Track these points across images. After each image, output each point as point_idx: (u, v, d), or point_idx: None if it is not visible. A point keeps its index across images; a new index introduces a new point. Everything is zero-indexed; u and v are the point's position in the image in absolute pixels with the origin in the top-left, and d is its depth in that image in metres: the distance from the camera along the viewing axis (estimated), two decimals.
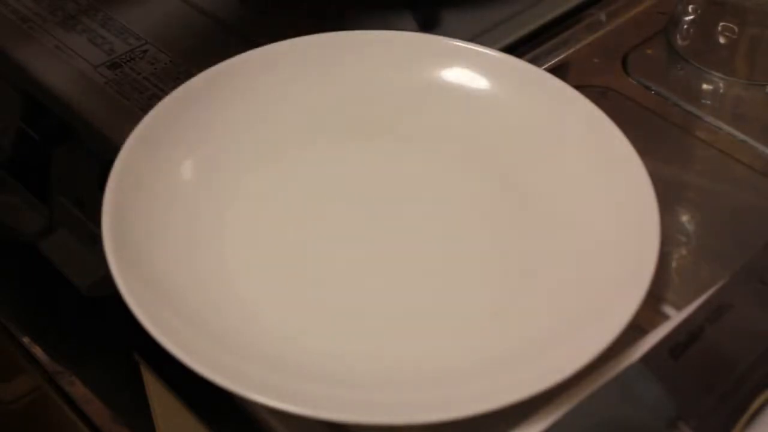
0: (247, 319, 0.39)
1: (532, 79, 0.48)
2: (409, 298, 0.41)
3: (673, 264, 0.43)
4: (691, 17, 0.53)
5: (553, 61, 0.53)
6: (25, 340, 0.64)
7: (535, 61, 0.52)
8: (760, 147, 0.48)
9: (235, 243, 0.42)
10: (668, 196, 0.43)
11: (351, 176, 0.46)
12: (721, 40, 0.51)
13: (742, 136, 0.49)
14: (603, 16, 0.56)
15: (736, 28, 0.51)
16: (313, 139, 0.47)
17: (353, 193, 0.45)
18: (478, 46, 0.49)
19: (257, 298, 0.40)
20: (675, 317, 0.39)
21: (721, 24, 0.51)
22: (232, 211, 0.44)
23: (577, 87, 0.47)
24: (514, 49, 0.53)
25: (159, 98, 0.47)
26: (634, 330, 0.37)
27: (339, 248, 0.43)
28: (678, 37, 0.54)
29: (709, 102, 0.51)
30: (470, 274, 0.42)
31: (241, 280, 0.41)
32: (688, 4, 0.53)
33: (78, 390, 0.62)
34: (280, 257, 0.42)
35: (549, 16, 0.55)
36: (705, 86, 0.52)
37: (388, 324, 0.40)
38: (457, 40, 0.49)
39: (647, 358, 0.36)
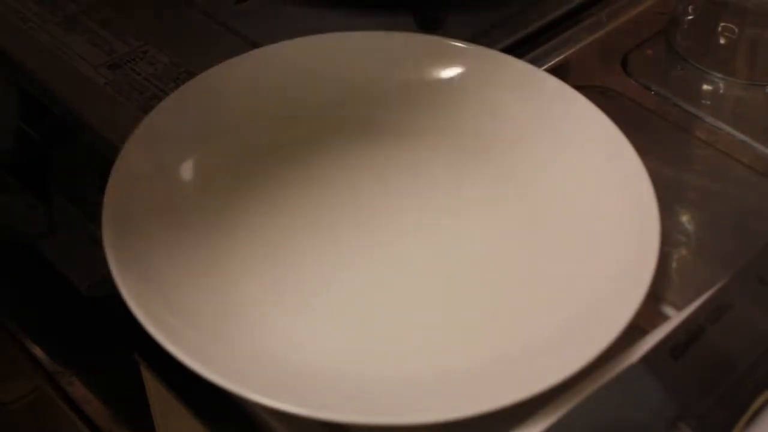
0: (247, 319, 0.39)
1: (532, 80, 0.48)
2: (408, 298, 0.41)
3: (673, 264, 0.43)
4: (691, 17, 0.53)
5: (553, 61, 0.53)
6: (25, 340, 0.64)
7: (535, 61, 0.52)
8: (760, 147, 0.48)
9: (235, 243, 0.42)
10: (668, 196, 0.43)
11: (351, 176, 0.46)
12: (721, 40, 0.51)
13: (742, 136, 0.49)
14: (603, 17, 0.56)
15: (736, 29, 0.51)
16: (314, 139, 0.47)
17: (354, 193, 0.45)
18: (478, 46, 0.49)
19: (257, 298, 0.40)
20: (675, 317, 0.39)
21: (721, 24, 0.51)
22: (231, 212, 0.44)
23: (577, 87, 0.47)
24: (514, 49, 0.53)
25: (159, 98, 0.47)
26: (634, 330, 0.37)
27: (340, 248, 0.43)
28: (678, 37, 0.54)
29: (709, 102, 0.51)
30: (469, 274, 0.42)
31: (241, 281, 0.41)
32: (688, 4, 0.53)
33: (78, 390, 0.62)
34: (280, 257, 0.42)
35: (549, 16, 0.55)
36: (705, 86, 0.52)
37: (387, 324, 0.40)
38: (457, 40, 0.49)
39: (647, 358, 0.36)
